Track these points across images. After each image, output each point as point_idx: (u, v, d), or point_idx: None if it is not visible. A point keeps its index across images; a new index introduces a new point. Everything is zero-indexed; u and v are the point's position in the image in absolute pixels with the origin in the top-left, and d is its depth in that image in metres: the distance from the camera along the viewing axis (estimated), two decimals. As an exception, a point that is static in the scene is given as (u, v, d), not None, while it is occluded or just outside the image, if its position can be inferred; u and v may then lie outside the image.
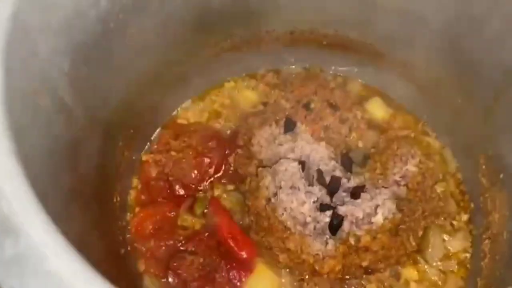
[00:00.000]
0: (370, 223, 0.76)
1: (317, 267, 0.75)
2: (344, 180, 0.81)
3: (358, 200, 0.78)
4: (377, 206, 0.77)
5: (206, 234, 0.84)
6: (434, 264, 0.82)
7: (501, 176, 0.78)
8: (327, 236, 0.76)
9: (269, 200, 0.79)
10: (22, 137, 0.41)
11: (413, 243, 0.81)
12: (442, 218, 0.86)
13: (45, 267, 0.32)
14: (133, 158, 0.89)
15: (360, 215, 0.77)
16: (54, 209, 0.37)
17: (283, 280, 0.80)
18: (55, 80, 0.55)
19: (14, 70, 0.44)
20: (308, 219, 0.75)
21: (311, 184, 0.80)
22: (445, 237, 0.85)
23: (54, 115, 0.54)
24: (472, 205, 0.88)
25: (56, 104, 0.55)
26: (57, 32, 0.55)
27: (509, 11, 0.68)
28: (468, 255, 0.84)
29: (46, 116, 0.52)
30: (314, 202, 0.77)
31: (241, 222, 0.85)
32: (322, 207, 0.77)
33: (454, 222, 0.87)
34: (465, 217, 0.88)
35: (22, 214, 0.34)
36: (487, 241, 0.79)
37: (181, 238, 0.83)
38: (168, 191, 0.88)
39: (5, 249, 0.32)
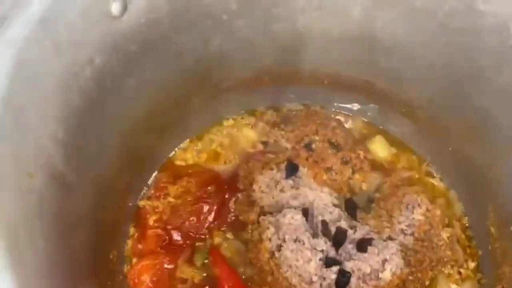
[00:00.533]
0: (378, 279, 0.74)
1: (324, 328, 0.72)
2: (350, 232, 0.78)
3: (365, 254, 0.76)
4: (384, 261, 0.75)
5: (207, 287, 0.80)
6: (442, 316, 0.80)
7: (511, 228, 0.75)
8: (334, 294, 0.73)
9: (272, 254, 0.76)
10: (15, 234, 0.38)
11: (421, 295, 0.79)
12: (449, 266, 0.84)
13: None
14: (130, 205, 0.86)
15: (368, 270, 0.74)
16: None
17: None
18: (49, 151, 0.52)
19: (4, 161, 0.40)
20: (315, 278, 0.72)
21: (315, 235, 0.78)
22: (453, 286, 0.83)
23: (47, 190, 0.51)
24: (479, 252, 0.85)
25: (49, 177, 0.52)
26: (51, 99, 0.52)
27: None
28: (477, 306, 0.81)
29: (39, 195, 0.48)
30: (320, 260, 0.74)
31: (242, 274, 0.82)
32: (328, 262, 0.75)
33: (462, 270, 0.85)
34: (472, 264, 0.85)
35: None
36: (500, 292, 0.77)
37: (179, 292, 0.80)
38: (166, 240, 0.85)
39: None
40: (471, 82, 0.75)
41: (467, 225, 0.89)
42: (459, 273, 0.84)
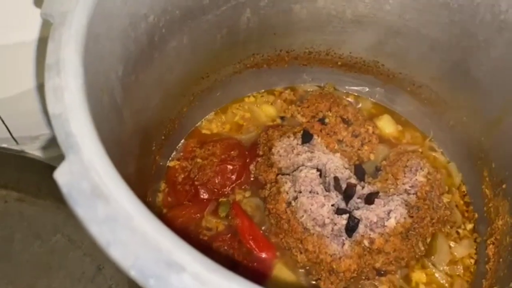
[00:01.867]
0: (384, 226, 0.82)
1: (334, 266, 0.80)
2: (358, 187, 0.88)
3: (372, 206, 0.85)
4: (389, 211, 0.84)
5: (229, 235, 0.89)
6: (441, 268, 0.88)
7: (504, 186, 0.84)
8: (344, 238, 0.82)
9: (289, 203, 0.85)
10: (97, 127, 0.48)
11: (422, 248, 0.87)
12: (449, 227, 0.92)
13: (131, 224, 0.38)
14: (162, 164, 0.96)
15: (374, 219, 0.83)
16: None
17: (300, 278, 0.85)
18: (112, 82, 0.62)
19: (89, 70, 0.51)
20: (327, 221, 0.81)
21: (328, 190, 0.87)
22: (451, 244, 0.91)
23: (110, 113, 0.61)
24: (476, 215, 0.94)
25: (112, 103, 0.62)
26: (115, 39, 0.62)
27: (511, 37, 0.76)
28: (472, 260, 0.90)
29: (106, 113, 0.58)
30: (332, 205, 0.83)
31: (261, 225, 0.91)
32: (339, 211, 0.83)
33: (460, 231, 0.93)
34: (469, 226, 0.94)
35: (110, 184, 0.40)
36: (491, 246, 0.85)
37: (206, 238, 0.89)
38: (193, 195, 0.94)
39: (99, 210, 0.38)
40: (469, 56, 0.85)
41: (465, 192, 0.98)
42: (457, 232, 0.93)
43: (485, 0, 0.77)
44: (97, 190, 0.40)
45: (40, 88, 0.95)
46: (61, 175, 0.40)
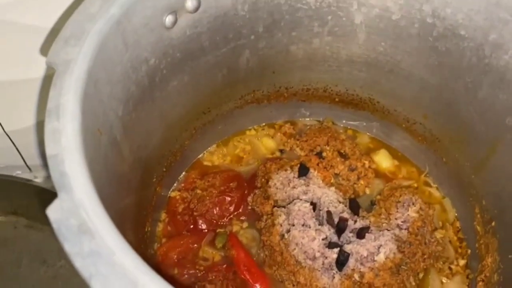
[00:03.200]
0: (373, 261, 0.85)
1: (324, 299, 0.83)
2: (351, 222, 0.90)
3: (363, 240, 0.87)
4: (380, 246, 0.86)
5: (225, 265, 0.93)
6: (433, 304, 0.89)
7: (493, 224, 0.86)
8: (334, 272, 0.84)
9: (282, 236, 0.88)
10: (91, 165, 0.52)
11: (413, 283, 0.89)
12: (441, 262, 0.94)
13: (112, 259, 0.42)
14: (162, 194, 1.00)
15: (365, 253, 0.85)
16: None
17: (293, 311, 0.88)
18: (111, 121, 0.67)
19: (86, 113, 0.56)
20: (317, 254, 0.84)
21: (321, 224, 0.90)
22: (444, 279, 0.92)
23: (109, 151, 0.66)
24: (469, 251, 0.95)
25: (111, 142, 0.67)
26: (116, 83, 0.68)
27: (495, 80, 0.79)
28: (464, 297, 0.91)
29: (104, 152, 0.63)
30: (323, 239, 0.86)
31: (256, 257, 0.94)
32: (330, 245, 0.86)
33: (452, 267, 0.95)
34: (462, 262, 0.95)
35: (96, 221, 0.44)
36: (481, 283, 0.86)
37: (202, 268, 0.92)
38: (192, 225, 0.98)
39: (84, 246, 0.42)
40: (458, 97, 0.89)
41: (459, 228, 1.00)
42: (450, 268, 0.94)
43: (471, 45, 0.80)
44: (84, 227, 0.44)
45: (38, 124, 1.01)
46: (52, 212, 0.44)
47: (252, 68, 0.98)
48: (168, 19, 0.75)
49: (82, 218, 0.44)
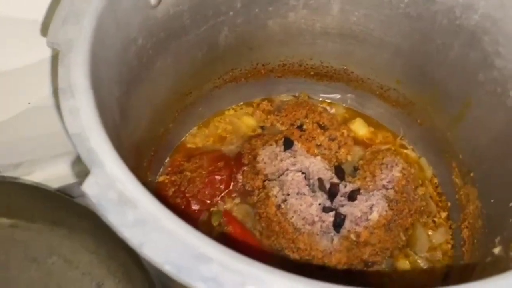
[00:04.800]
0: (367, 220, 0.89)
1: (326, 261, 0.86)
2: (341, 186, 0.94)
3: (355, 202, 0.91)
4: (372, 205, 0.90)
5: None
6: (422, 255, 0.95)
7: (471, 174, 0.93)
8: (332, 234, 0.88)
9: (279, 206, 0.91)
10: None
11: (403, 238, 0.94)
12: (425, 217, 1.00)
13: (160, 225, 0.42)
14: (151, 179, 1.00)
15: (358, 214, 0.89)
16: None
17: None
18: (112, 103, 0.66)
19: (95, 92, 0.55)
20: (316, 219, 0.87)
21: (313, 191, 0.93)
22: (429, 232, 0.99)
23: (112, 134, 0.65)
24: (449, 204, 1.02)
25: (112, 124, 0.66)
26: (111, 63, 0.67)
27: (466, 40, 0.85)
28: (450, 245, 0.97)
29: (110, 132, 0.62)
30: (319, 204, 0.89)
31: (252, 230, 0.96)
32: (326, 209, 0.89)
33: (436, 220, 1.01)
34: (444, 214, 1.02)
35: (133, 191, 0.44)
36: (465, 230, 0.93)
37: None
38: (184, 206, 0.98)
39: (128, 215, 0.43)
40: (430, 60, 0.94)
41: (437, 184, 1.06)
42: (434, 221, 1.01)
43: (442, 8, 0.85)
44: (124, 198, 0.44)
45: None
46: (89, 187, 0.44)
47: (230, 45, 0.98)
48: (153, -2, 0.74)
49: (119, 190, 0.44)
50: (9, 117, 1.00)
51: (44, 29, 0.81)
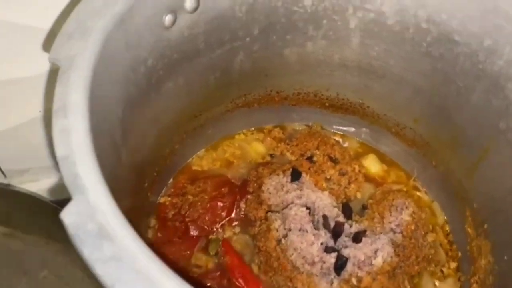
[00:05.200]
0: (371, 265, 0.85)
1: (323, 304, 0.82)
2: (346, 226, 0.90)
3: (360, 244, 0.87)
4: (377, 250, 0.86)
5: (218, 273, 0.90)
6: (427, 307, 0.90)
7: (485, 226, 0.88)
8: (332, 276, 0.84)
9: (279, 241, 0.87)
10: (101, 168, 0.50)
11: (408, 286, 0.89)
12: (433, 265, 0.95)
13: (136, 265, 0.39)
14: (153, 200, 0.97)
15: (362, 257, 0.85)
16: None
17: (290, 318, 0.86)
18: (113, 124, 0.64)
19: (93, 113, 0.53)
20: (316, 259, 0.83)
21: (317, 228, 0.89)
22: (436, 282, 0.93)
23: (110, 154, 0.63)
24: (459, 254, 0.97)
25: (111, 144, 0.64)
26: (117, 83, 0.65)
27: (488, 85, 0.81)
28: (457, 299, 0.92)
29: (106, 154, 0.60)
30: (321, 244, 0.85)
31: (250, 263, 0.92)
32: (328, 249, 0.85)
33: (444, 269, 0.96)
34: (453, 265, 0.96)
35: (114, 224, 0.42)
36: (475, 285, 0.88)
37: (195, 276, 0.90)
38: (183, 232, 0.95)
39: (104, 251, 0.40)
40: (450, 101, 0.90)
41: (448, 231, 1.01)
42: (442, 271, 0.95)
43: (465, 50, 0.82)
44: (103, 231, 0.41)
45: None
46: (67, 216, 0.42)
47: (245, 70, 0.96)
48: (168, 19, 0.73)
49: (100, 222, 0.42)
50: (19, 124, 1.00)
51: (47, 43, 0.81)
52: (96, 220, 0.42)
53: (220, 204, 0.98)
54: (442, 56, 0.86)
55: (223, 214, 0.98)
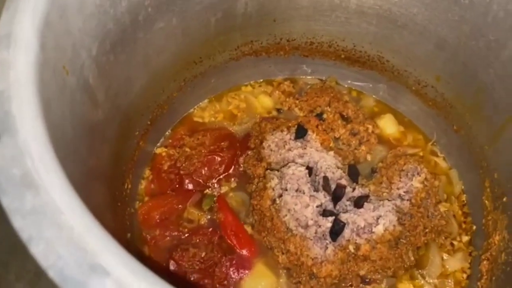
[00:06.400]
0: (371, 232, 0.78)
1: (314, 270, 0.76)
2: (349, 189, 0.83)
3: (361, 209, 0.80)
4: (379, 217, 0.79)
5: (210, 229, 0.86)
6: (431, 281, 0.83)
7: (504, 199, 0.79)
8: (327, 241, 0.78)
9: (274, 201, 0.81)
10: (48, 107, 0.44)
11: (412, 258, 0.82)
12: (443, 237, 0.87)
13: (59, 219, 0.34)
14: (147, 149, 0.92)
15: (362, 224, 0.78)
16: (72, 181, 0.40)
17: (280, 281, 0.81)
18: (83, 60, 0.58)
19: (48, 45, 0.47)
20: (310, 222, 0.77)
21: (316, 190, 0.82)
22: (445, 256, 0.86)
23: (78, 94, 0.57)
24: (474, 227, 0.89)
25: (81, 84, 0.58)
26: (90, 15, 0.58)
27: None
28: (465, 275, 0.84)
29: (71, 94, 0.54)
30: (317, 206, 0.78)
31: (244, 221, 0.87)
32: (325, 213, 0.79)
33: (455, 242, 0.88)
34: (465, 238, 0.88)
35: (43, 172, 0.36)
36: (485, 262, 0.80)
37: (186, 230, 0.86)
38: (178, 184, 0.90)
39: (26, 201, 0.35)
40: (478, 58, 0.79)
41: (464, 202, 0.92)
42: (452, 244, 0.88)
43: (499, -4, 0.70)
44: (28, 178, 0.36)
45: None
46: (-10, 158, 0.36)
47: (250, 13, 0.88)
48: None
49: (26, 168, 0.36)
50: None
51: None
52: (22, 165, 0.36)
53: (218, 158, 0.92)
54: (472, 4, 0.74)
55: (221, 169, 0.92)
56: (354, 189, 0.84)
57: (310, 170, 0.84)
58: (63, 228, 0.34)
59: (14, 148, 0.37)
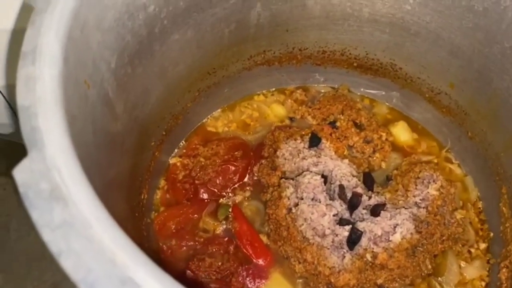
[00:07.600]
0: (388, 241, 0.77)
1: (332, 280, 0.76)
2: (365, 197, 0.83)
3: (378, 218, 0.80)
4: (396, 225, 0.79)
5: (226, 238, 0.86)
6: (449, 289, 0.82)
7: (523, 206, 0.78)
8: (345, 250, 0.77)
9: (290, 210, 0.81)
10: (73, 121, 0.45)
11: (429, 266, 0.82)
12: (460, 245, 0.86)
13: (88, 232, 0.34)
14: (162, 160, 0.93)
15: (379, 232, 0.78)
16: (96, 193, 0.40)
17: (297, 290, 0.81)
18: (102, 73, 0.59)
19: (70, 59, 0.48)
20: (327, 231, 0.77)
21: (332, 199, 0.82)
22: (462, 263, 0.85)
23: (99, 107, 0.58)
24: (491, 234, 0.88)
25: (101, 97, 0.59)
26: (109, 29, 0.59)
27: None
28: (483, 283, 0.84)
29: (92, 107, 0.55)
30: (334, 215, 0.78)
31: (259, 231, 0.87)
32: (342, 222, 0.79)
33: (472, 250, 0.87)
34: (483, 245, 0.88)
35: (71, 185, 0.37)
36: (504, 270, 0.79)
37: (202, 240, 0.86)
38: (192, 194, 0.91)
39: (55, 215, 0.35)
40: (492, 65, 0.79)
41: (481, 209, 0.92)
42: (469, 252, 0.87)
43: (513, 4, 0.70)
44: (56, 192, 0.36)
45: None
46: (19, 173, 0.37)
47: (263, 24, 0.88)
48: (171, -40, 0.66)
49: (55, 182, 0.37)
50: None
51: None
52: (51, 179, 0.37)
53: (232, 167, 0.93)
54: (487, 11, 0.74)
55: (235, 178, 0.92)
56: (370, 197, 0.83)
57: (325, 178, 0.84)
58: (92, 241, 0.34)
59: (42, 163, 0.38)
